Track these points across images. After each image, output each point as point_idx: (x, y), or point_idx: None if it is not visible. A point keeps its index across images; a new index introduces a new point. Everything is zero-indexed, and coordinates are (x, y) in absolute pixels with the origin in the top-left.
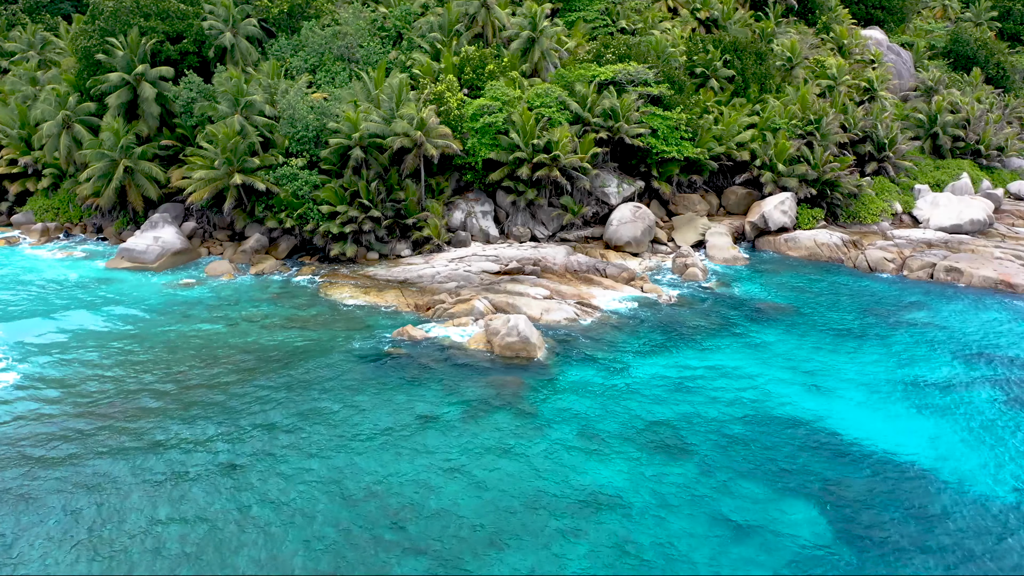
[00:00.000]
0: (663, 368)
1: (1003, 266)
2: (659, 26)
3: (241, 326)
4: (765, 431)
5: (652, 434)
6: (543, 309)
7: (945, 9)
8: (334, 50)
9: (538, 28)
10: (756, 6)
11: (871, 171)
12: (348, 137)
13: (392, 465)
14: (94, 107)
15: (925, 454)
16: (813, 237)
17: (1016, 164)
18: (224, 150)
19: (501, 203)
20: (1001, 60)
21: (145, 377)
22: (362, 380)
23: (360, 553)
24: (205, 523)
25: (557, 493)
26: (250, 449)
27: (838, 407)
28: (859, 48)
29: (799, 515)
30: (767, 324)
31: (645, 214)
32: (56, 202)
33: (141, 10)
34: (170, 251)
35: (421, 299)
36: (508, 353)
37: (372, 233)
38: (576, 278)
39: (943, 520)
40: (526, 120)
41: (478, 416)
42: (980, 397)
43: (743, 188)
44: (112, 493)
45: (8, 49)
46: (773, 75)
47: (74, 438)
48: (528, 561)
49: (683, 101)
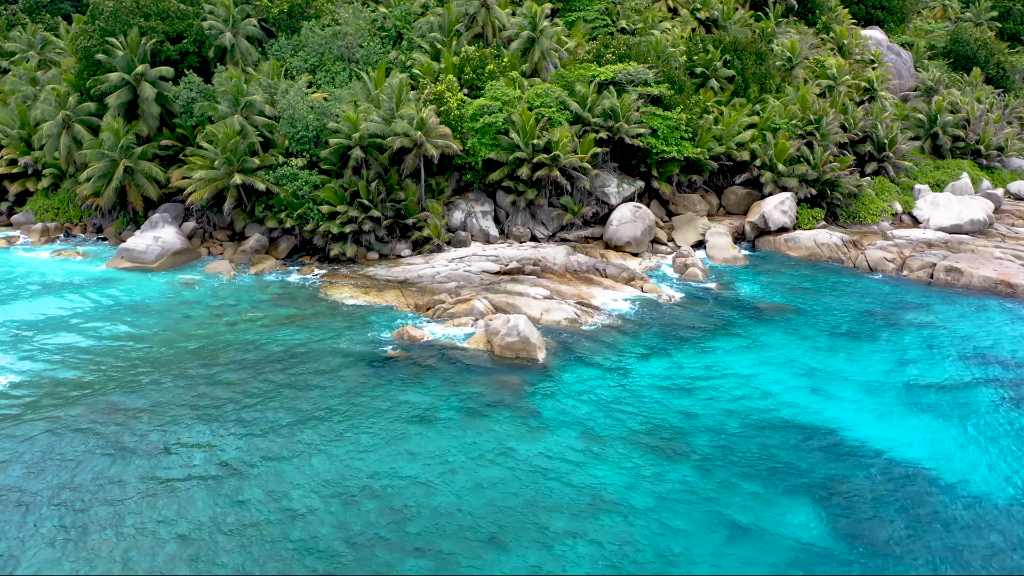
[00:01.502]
0: (663, 368)
1: (1003, 266)
2: (659, 26)
3: (241, 326)
4: (765, 431)
5: (652, 434)
6: (543, 309)
7: (945, 9)
8: (334, 50)
9: (538, 28)
10: (756, 6)
11: (871, 171)
12: (348, 137)
13: (391, 465)
14: (94, 107)
15: (925, 454)
16: (813, 237)
17: (1016, 164)
18: (224, 150)
19: (501, 203)
20: (1001, 60)
21: (145, 377)
22: (362, 380)
23: (360, 553)
24: (204, 523)
25: (557, 493)
26: (250, 449)
27: (838, 407)
28: (859, 48)
29: (799, 515)
30: (767, 324)
31: (645, 214)
32: (56, 202)
33: (141, 10)
34: (170, 251)
35: (421, 299)
36: (508, 353)
37: (372, 233)
38: (576, 278)
39: (943, 520)
40: (526, 120)
41: (478, 416)
42: (980, 397)
43: (743, 188)
44: (112, 493)
45: (8, 49)
46: (773, 75)
47: (73, 438)
48: (528, 561)
49: (683, 101)
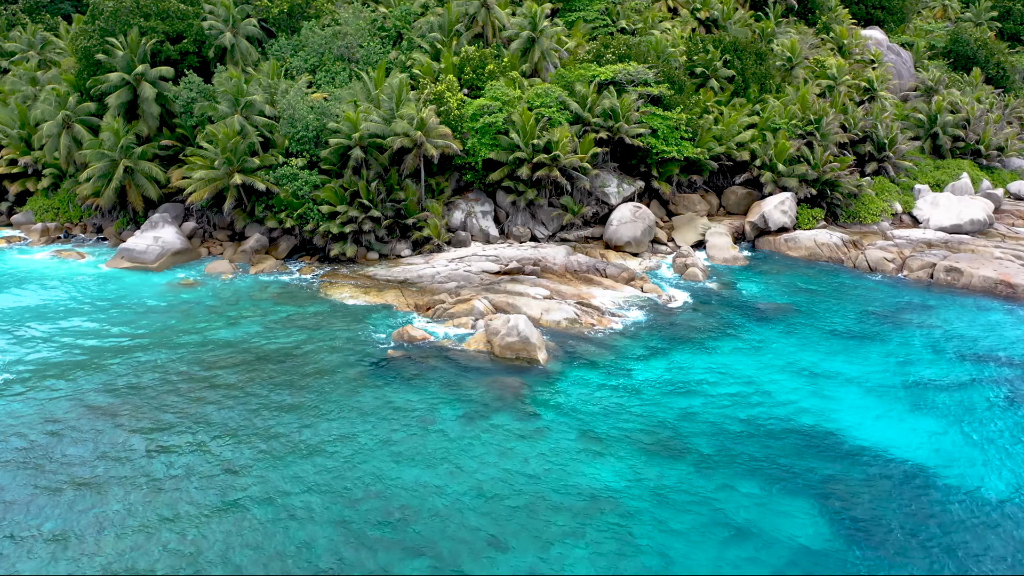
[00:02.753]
0: (663, 368)
1: (1003, 266)
2: (659, 26)
3: (241, 326)
4: (765, 431)
5: (652, 434)
6: (543, 309)
7: (945, 9)
8: (334, 50)
9: (538, 28)
10: (756, 6)
11: (871, 171)
12: (348, 137)
13: (391, 465)
14: (94, 107)
15: (925, 453)
16: (813, 237)
17: (1016, 164)
18: (224, 150)
19: (501, 203)
20: (1001, 60)
21: (144, 377)
22: (362, 380)
23: (360, 553)
24: (204, 523)
25: (557, 493)
26: (249, 448)
27: (838, 407)
28: (859, 48)
29: (799, 514)
30: (767, 324)
31: (645, 214)
32: (56, 202)
33: (141, 10)
34: (170, 251)
35: (421, 299)
36: (508, 353)
37: (372, 233)
38: (576, 278)
39: (943, 519)
40: (526, 120)
41: (478, 416)
42: (980, 397)
43: (743, 188)
44: (112, 493)
45: (8, 49)
46: (773, 75)
47: (72, 438)
48: (528, 561)
49: (683, 101)
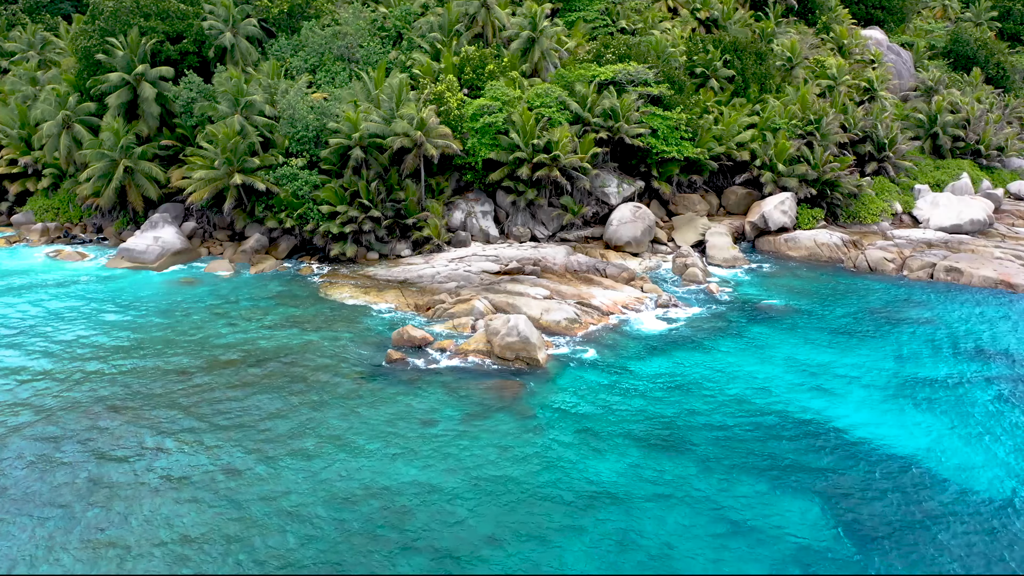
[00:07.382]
0: (662, 367)
1: (1003, 266)
2: (659, 26)
3: (241, 326)
4: (765, 430)
5: (652, 433)
6: (543, 309)
7: (945, 9)
8: (334, 50)
9: (538, 28)
10: (756, 6)
11: (871, 171)
12: (348, 137)
13: (391, 464)
14: (94, 107)
15: (925, 452)
16: (813, 237)
17: (1016, 164)
18: (224, 150)
19: (501, 203)
20: (1001, 60)
21: (144, 377)
22: (361, 380)
23: (360, 552)
24: (204, 523)
25: (556, 492)
26: (249, 449)
27: (838, 406)
28: (859, 48)
29: (799, 512)
30: (767, 324)
31: (645, 214)
32: (56, 202)
33: (141, 10)
34: (170, 251)
35: (421, 299)
36: (508, 353)
37: (372, 233)
38: (576, 278)
39: (943, 517)
40: (526, 120)
41: (478, 416)
42: (980, 396)
43: (743, 188)
44: (111, 493)
45: (8, 49)
46: (773, 75)
47: (72, 438)
48: (527, 559)
49: (683, 101)
